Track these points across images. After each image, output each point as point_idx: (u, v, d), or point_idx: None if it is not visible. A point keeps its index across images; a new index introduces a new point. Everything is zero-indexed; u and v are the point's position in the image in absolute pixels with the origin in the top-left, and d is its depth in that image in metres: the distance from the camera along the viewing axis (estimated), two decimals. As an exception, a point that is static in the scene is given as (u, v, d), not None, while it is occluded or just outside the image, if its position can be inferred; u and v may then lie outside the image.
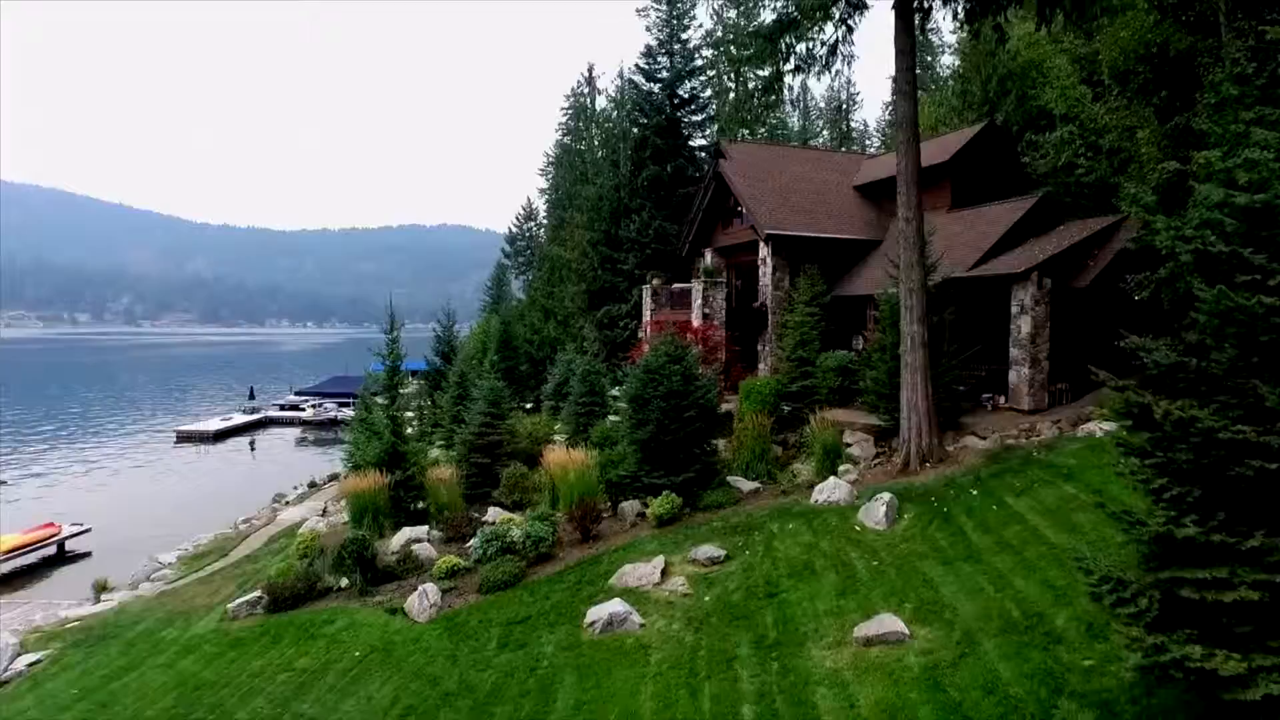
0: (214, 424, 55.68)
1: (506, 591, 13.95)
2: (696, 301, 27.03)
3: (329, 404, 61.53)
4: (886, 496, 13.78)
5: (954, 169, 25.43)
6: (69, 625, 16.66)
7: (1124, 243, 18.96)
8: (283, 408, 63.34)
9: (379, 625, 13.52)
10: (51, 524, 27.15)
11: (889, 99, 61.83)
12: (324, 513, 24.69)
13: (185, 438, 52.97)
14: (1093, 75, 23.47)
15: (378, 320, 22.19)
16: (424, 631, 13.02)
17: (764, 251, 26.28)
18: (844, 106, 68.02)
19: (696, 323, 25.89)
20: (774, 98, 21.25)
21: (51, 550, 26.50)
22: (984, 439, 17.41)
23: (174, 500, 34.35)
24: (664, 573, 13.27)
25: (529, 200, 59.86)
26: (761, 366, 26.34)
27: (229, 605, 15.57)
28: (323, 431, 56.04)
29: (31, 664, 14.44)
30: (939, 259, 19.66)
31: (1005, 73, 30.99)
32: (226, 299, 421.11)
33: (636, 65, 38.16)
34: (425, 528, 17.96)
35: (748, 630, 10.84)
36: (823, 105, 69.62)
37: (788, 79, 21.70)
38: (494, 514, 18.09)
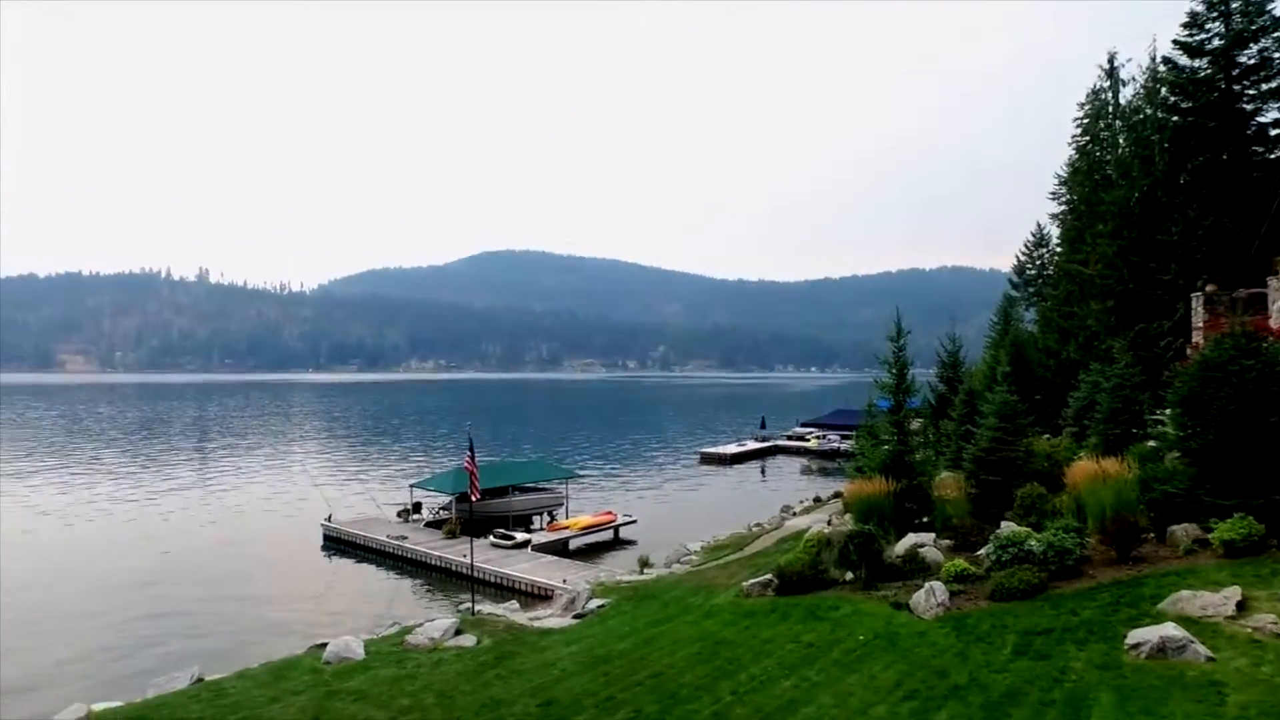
0: (730, 448, 61.98)
1: (1023, 601, 12.54)
2: (1276, 304, 21.58)
3: (832, 435, 63.73)
4: None
5: None
6: (621, 585, 19.95)
7: None
8: (789, 437, 67.58)
9: (883, 616, 13.27)
10: (610, 512, 33.10)
11: None
12: (829, 523, 25.36)
13: (707, 459, 59.83)
14: None
15: (880, 366, 22.12)
16: (929, 627, 12.37)
17: (1387, 234, 19.90)
18: None
19: (1276, 325, 20.61)
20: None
21: (609, 535, 32.22)
22: None
23: (698, 507, 39.34)
24: (1240, 606, 10.57)
25: (1039, 226, 54.52)
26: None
27: (743, 584, 16.90)
28: (826, 461, 58.14)
29: (599, 606, 17.95)
30: None
31: None
32: (741, 346, 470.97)
33: (1174, 40, 32.43)
34: (931, 534, 17.30)
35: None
36: None
37: None
38: (1007, 527, 16.57)
